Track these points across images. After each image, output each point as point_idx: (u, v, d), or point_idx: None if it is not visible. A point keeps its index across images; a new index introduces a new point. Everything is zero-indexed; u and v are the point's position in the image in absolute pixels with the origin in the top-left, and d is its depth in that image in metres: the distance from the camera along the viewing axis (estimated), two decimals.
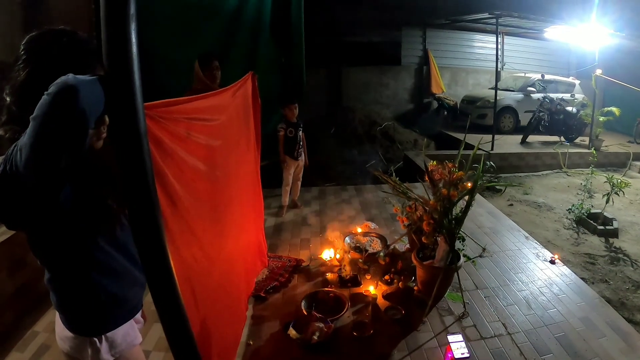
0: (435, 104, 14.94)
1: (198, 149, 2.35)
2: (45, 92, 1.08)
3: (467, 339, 3.25)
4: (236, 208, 3.34)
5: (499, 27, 11.28)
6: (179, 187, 2.02)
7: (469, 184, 3.52)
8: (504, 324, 3.48)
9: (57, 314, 1.64)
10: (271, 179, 5.79)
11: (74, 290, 1.56)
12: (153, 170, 1.15)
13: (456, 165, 3.59)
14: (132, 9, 1.01)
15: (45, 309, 3.63)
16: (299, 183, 6.08)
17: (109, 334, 1.63)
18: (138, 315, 1.85)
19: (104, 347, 1.62)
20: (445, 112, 14.29)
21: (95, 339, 1.60)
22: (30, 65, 1.36)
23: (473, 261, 3.89)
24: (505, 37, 15.17)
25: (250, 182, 3.97)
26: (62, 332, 1.63)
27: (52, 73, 1.17)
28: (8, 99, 1.38)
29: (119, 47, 1.01)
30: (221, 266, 2.85)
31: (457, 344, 2.92)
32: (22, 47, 1.40)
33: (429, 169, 3.68)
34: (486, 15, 11.36)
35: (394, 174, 4.06)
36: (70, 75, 1.08)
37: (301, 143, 5.70)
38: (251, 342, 3.27)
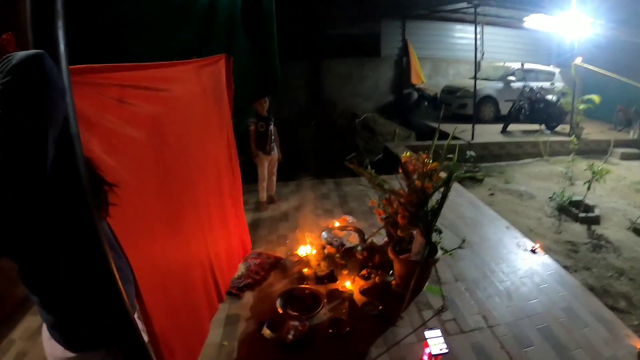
0: (415, 95, 14.92)
1: (137, 118, 2.19)
2: None
3: (446, 334, 3.17)
4: (203, 187, 3.21)
5: (478, 16, 11.22)
6: (110, 159, 1.85)
7: (444, 175, 3.42)
8: (484, 317, 3.39)
9: (46, 337, 1.59)
10: (247, 175, 5.65)
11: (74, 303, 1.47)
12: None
13: (430, 155, 3.48)
14: (59, 6, 0.99)
15: (20, 316, 3.51)
16: (274, 178, 5.96)
17: None
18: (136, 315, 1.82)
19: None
20: (426, 103, 14.26)
21: (105, 350, 1.55)
22: None
23: (450, 253, 3.79)
24: (485, 26, 15.12)
25: (223, 164, 3.85)
26: (62, 355, 1.56)
27: None
28: None
29: (46, 47, 1.01)
30: (178, 249, 2.70)
31: (435, 340, 2.80)
32: None
33: (403, 161, 3.57)
34: (464, 4, 11.33)
35: (369, 166, 3.93)
36: None
37: (273, 137, 5.61)
38: (226, 343, 3.18)
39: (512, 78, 13.03)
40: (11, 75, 0.95)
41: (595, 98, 11.22)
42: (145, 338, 1.73)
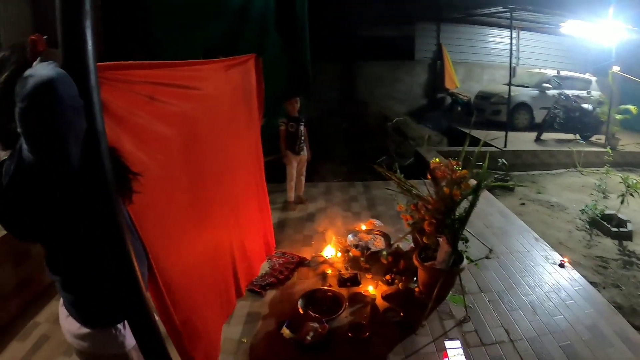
0: (448, 100, 14.75)
1: (167, 114, 2.24)
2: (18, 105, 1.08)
3: (466, 345, 3.14)
4: (228, 184, 3.23)
5: (513, 21, 11.08)
6: (141, 154, 1.91)
7: (473, 182, 3.39)
8: (506, 330, 3.34)
9: (63, 315, 1.68)
10: (276, 175, 5.71)
11: (93, 283, 1.58)
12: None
13: (460, 162, 3.45)
14: (87, 6, 1.03)
15: (47, 300, 3.65)
16: (303, 178, 6.00)
17: None
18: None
19: (128, 332, 1.64)
20: (459, 108, 14.10)
21: (119, 326, 1.66)
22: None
23: (476, 263, 3.75)
24: (520, 32, 14.89)
25: (250, 162, 3.87)
26: (77, 331, 1.65)
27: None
28: None
29: (74, 46, 1.05)
30: (201, 242, 2.72)
31: (454, 351, 2.78)
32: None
33: (431, 167, 3.55)
34: (500, 9, 11.17)
35: (398, 170, 3.93)
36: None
37: (302, 138, 5.65)
38: (245, 340, 3.21)
39: (547, 85, 12.73)
40: (26, 101, 1.05)
41: (633, 108, 10.90)
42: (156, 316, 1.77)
